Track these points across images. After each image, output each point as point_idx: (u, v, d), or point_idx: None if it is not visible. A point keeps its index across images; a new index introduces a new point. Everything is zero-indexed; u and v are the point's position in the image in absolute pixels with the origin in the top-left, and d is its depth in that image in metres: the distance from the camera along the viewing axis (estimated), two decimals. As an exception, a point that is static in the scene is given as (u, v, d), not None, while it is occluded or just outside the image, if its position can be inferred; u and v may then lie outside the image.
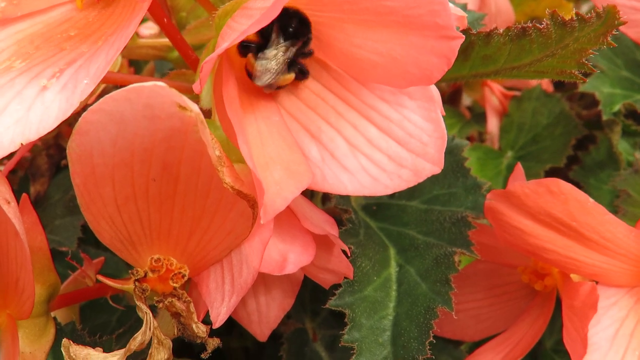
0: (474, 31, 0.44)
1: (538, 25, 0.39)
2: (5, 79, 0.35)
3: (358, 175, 0.36)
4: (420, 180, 0.36)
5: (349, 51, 0.37)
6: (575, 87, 0.87)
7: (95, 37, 0.39)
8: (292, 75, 0.37)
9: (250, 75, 0.37)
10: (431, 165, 0.36)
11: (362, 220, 0.56)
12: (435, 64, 0.34)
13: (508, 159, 0.88)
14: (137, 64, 0.91)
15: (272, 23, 0.37)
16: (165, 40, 0.60)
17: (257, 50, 0.37)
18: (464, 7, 0.62)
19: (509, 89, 0.92)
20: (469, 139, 0.97)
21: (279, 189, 0.33)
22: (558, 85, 0.94)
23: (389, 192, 0.36)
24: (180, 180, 0.36)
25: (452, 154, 0.60)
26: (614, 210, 0.68)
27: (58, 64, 0.36)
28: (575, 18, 0.36)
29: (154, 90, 0.30)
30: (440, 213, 0.55)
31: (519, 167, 0.50)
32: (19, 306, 0.40)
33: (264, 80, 0.35)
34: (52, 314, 0.46)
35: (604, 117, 0.73)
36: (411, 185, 0.36)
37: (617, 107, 0.73)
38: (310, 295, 0.63)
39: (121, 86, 0.42)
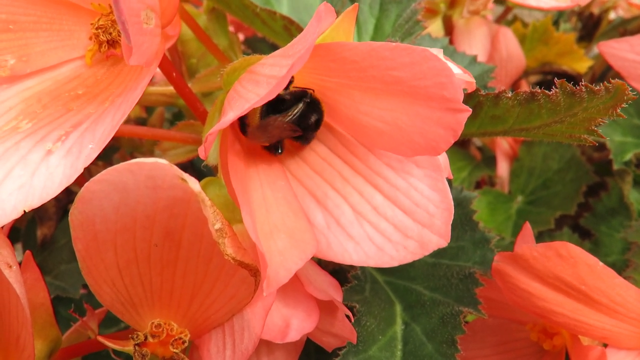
0: (482, 92, 0.44)
1: (547, 92, 0.39)
2: (11, 142, 0.35)
3: (363, 244, 0.35)
4: (426, 253, 0.35)
5: (356, 117, 0.37)
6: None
7: (102, 97, 0.39)
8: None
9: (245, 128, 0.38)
10: (437, 237, 0.35)
11: (368, 273, 0.55)
12: (441, 135, 0.34)
13: (518, 204, 0.88)
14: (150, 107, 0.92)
15: (298, 104, 0.37)
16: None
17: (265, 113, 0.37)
18: (474, 58, 0.62)
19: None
20: (480, 182, 0.96)
21: (282, 260, 0.33)
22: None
23: (395, 263, 0.35)
24: (182, 246, 0.35)
25: (460, 205, 0.59)
26: (625, 263, 0.67)
27: (64, 126, 0.36)
28: (584, 89, 0.36)
29: (155, 164, 0.30)
30: (448, 268, 0.54)
31: (528, 227, 0.49)
32: (19, 364, 0.40)
33: (255, 138, 0.36)
34: (54, 367, 0.46)
35: (615, 167, 0.72)
36: (417, 258, 0.35)
37: (628, 156, 0.72)
38: (315, 347, 0.62)
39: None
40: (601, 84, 0.35)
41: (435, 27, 0.84)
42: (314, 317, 0.38)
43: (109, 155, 0.71)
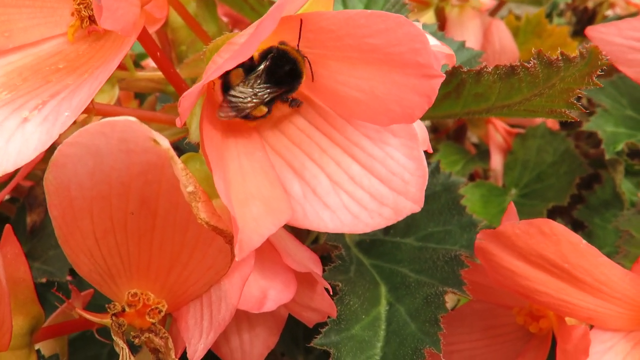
0: (464, 69, 0.44)
1: (526, 64, 0.39)
2: (-11, 111, 0.35)
3: (339, 213, 0.35)
4: (400, 218, 0.35)
5: (333, 88, 0.37)
6: (580, 125, 0.86)
7: (82, 70, 0.39)
8: (264, 109, 0.37)
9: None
10: (412, 203, 0.35)
11: (354, 256, 0.55)
12: (416, 102, 0.34)
13: (512, 197, 0.88)
14: (142, 96, 0.92)
15: (264, 61, 0.37)
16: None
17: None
18: (462, 44, 0.62)
19: (513, 126, 0.91)
20: (474, 175, 0.96)
21: (256, 226, 0.33)
22: (564, 123, 0.93)
23: (368, 230, 0.35)
24: (158, 214, 0.35)
25: (449, 191, 0.59)
26: (616, 251, 0.67)
27: (42, 96, 0.36)
28: (560, 58, 0.36)
29: (127, 124, 0.30)
30: (434, 251, 0.54)
31: (512, 207, 0.49)
32: (-2, 338, 0.40)
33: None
34: (37, 346, 0.45)
35: (607, 157, 0.72)
36: (390, 223, 0.35)
37: (620, 147, 0.72)
38: (303, 332, 0.62)
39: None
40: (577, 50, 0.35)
41: (427, 19, 0.84)
42: (292, 288, 0.38)
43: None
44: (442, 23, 0.83)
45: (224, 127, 0.38)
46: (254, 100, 0.35)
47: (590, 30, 0.58)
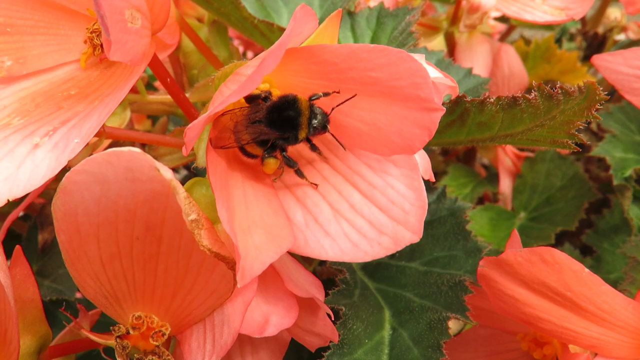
0: (468, 98, 0.45)
1: (527, 95, 0.39)
2: (1, 136, 0.36)
3: (339, 241, 0.36)
4: (399, 248, 0.36)
5: (336, 118, 0.38)
6: (590, 150, 0.86)
7: (93, 96, 0.40)
8: (259, 149, 0.38)
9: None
10: (411, 233, 0.36)
11: (359, 280, 0.55)
12: (416, 135, 0.34)
13: (521, 220, 0.88)
14: (155, 116, 0.94)
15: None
16: (172, 97, 0.61)
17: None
18: (469, 71, 0.63)
19: (523, 150, 0.92)
20: (483, 198, 0.96)
21: (258, 253, 0.33)
22: (573, 147, 0.93)
23: (368, 259, 0.36)
24: (163, 240, 0.36)
25: (454, 216, 0.60)
26: (622, 278, 0.67)
27: (53, 123, 0.37)
28: (560, 91, 0.36)
29: (132, 155, 0.31)
30: (439, 276, 0.55)
31: (515, 234, 0.49)
32: (6, 357, 0.41)
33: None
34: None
35: (615, 182, 0.72)
36: (390, 253, 0.35)
37: (628, 172, 0.72)
38: (308, 355, 0.63)
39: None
40: (577, 84, 0.36)
41: (437, 44, 0.85)
42: (293, 313, 0.39)
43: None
44: (451, 48, 0.83)
45: (229, 154, 0.39)
46: (246, 137, 0.37)
47: (596, 59, 0.58)
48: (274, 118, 0.37)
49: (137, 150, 0.31)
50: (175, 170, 0.96)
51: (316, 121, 0.37)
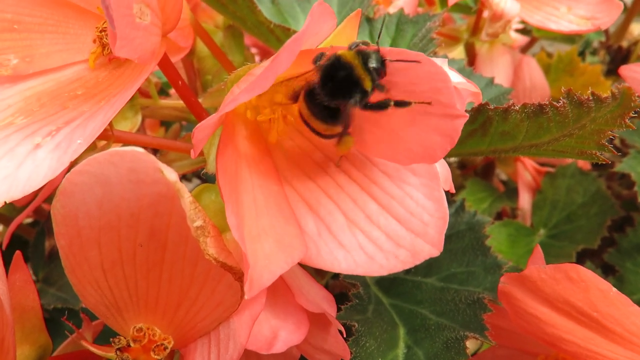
0: (491, 106, 0.42)
1: (555, 103, 0.37)
2: (1, 135, 0.35)
3: (353, 253, 0.34)
4: (417, 262, 0.33)
5: (354, 123, 0.36)
6: (612, 166, 0.83)
7: (100, 97, 0.39)
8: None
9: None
10: (430, 247, 0.34)
11: (373, 295, 0.53)
12: (438, 143, 0.32)
13: (540, 237, 0.85)
14: (169, 124, 0.92)
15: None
16: (184, 102, 0.60)
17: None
18: (490, 80, 0.61)
19: (543, 164, 0.89)
20: (502, 214, 0.94)
21: (267, 263, 0.31)
22: (595, 163, 0.91)
23: (384, 272, 0.33)
24: (168, 247, 0.34)
25: (473, 230, 0.57)
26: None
27: (57, 122, 0.36)
28: (591, 98, 0.34)
29: (136, 155, 0.29)
30: (456, 292, 0.52)
31: (538, 249, 0.47)
32: (4, 367, 0.39)
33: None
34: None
35: (640, 199, 0.69)
36: (407, 267, 0.33)
37: (654, 190, 0.69)
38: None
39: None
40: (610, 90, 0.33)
41: (457, 54, 0.83)
42: (303, 329, 0.37)
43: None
44: (471, 59, 0.81)
45: (240, 159, 0.37)
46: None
47: (624, 70, 0.56)
48: (332, 87, 0.34)
49: (140, 150, 0.29)
50: (186, 177, 0.95)
51: (373, 61, 0.33)
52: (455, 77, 0.38)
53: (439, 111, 0.32)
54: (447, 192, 0.57)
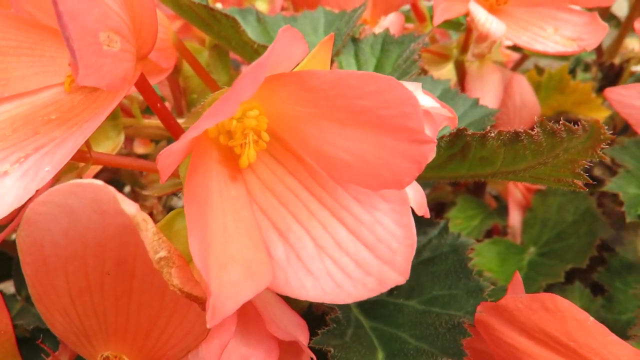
0: (469, 131, 0.42)
1: (530, 131, 0.37)
2: (-30, 162, 0.34)
3: (322, 280, 0.34)
4: (383, 290, 0.33)
5: (324, 148, 0.35)
6: (603, 184, 0.83)
7: (73, 122, 0.39)
8: None
9: None
10: (397, 275, 0.33)
11: (354, 318, 0.53)
12: (405, 168, 0.32)
13: (530, 255, 0.85)
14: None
15: None
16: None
17: None
18: (475, 102, 0.60)
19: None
20: (492, 231, 0.94)
21: (233, 291, 0.31)
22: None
23: (350, 300, 0.33)
24: (136, 276, 0.34)
25: (456, 252, 0.57)
26: (633, 321, 0.64)
27: (26, 149, 0.36)
28: (563, 128, 0.34)
29: (96, 187, 0.29)
30: (437, 316, 0.52)
31: (517, 277, 0.47)
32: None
33: None
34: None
35: (628, 220, 0.69)
36: (373, 295, 0.33)
37: (642, 210, 0.69)
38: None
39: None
40: (580, 122, 0.33)
41: (447, 72, 0.83)
42: (273, 357, 0.36)
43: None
44: (461, 76, 0.81)
45: (212, 184, 0.37)
46: None
47: (609, 93, 0.56)
48: None
49: (99, 183, 0.29)
50: (178, 195, 0.95)
51: None
52: (429, 102, 0.38)
53: (407, 136, 0.32)
54: (431, 214, 0.57)
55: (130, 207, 0.29)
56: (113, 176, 0.73)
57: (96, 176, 0.60)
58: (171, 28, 0.56)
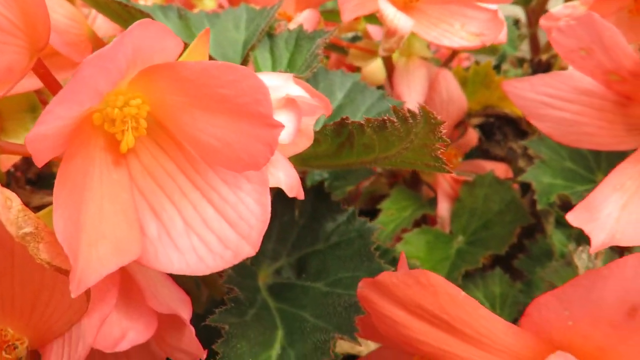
0: (349, 120, 0.45)
1: (392, 119, 0.40)
2: None
3: (187, 255, 0.37)
4: (236, 262, 0.36)
5: (195, 135, 0.38)
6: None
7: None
8: None
9: None
10: (250, 247, 0.37)
11: (260, 299, 0.55)
12: (260, 151, 0.35)
13: (459, 244, 0.88)
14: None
15: None
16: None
17: None
18: (382, 94, 0.63)
19: (460, 173, 0.92)
20: (430, 221, 0.97)
21: (98, 265, 0.34)
22: (515, 173, 0.94)
23: (208, 272, 0.36)
24: (15, 254, 0.36)
25: (362, 237, 0.60)
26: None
27: None
28: (408, 114, 0.37)
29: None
30: (338, 296, 0.55)
31: (403, 257, 0.49)
32: None
33: None
34: None
35: (539, 207, 0.72)
36: (227, 266, 0.36)
37: (552, 198, 0.72)
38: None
39: None
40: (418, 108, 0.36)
41: (375, 67, 0.86)
42: (150, 330, 0.39)
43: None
44: (390, 71, 0.84)
45: (93, 169, 0.39)
46: None
47: (505, 85, 0.59)
48: None
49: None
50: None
51: None
52: (297, 91, 0.41)
53: (260, 121, 0.35)
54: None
55: (-17, 184, 0.31)
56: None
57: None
58: (87, 23, 0.59)
